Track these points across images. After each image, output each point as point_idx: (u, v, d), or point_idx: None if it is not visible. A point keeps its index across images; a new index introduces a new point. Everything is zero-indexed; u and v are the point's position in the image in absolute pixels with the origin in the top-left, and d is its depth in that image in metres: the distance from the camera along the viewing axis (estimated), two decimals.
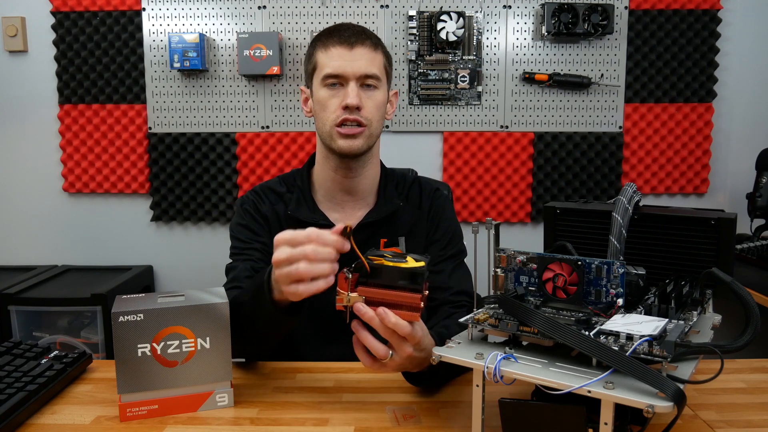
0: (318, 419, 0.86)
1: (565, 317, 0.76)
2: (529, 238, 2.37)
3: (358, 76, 1.10)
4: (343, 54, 1.10)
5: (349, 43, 1.11)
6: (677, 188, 2.34)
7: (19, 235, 2.39)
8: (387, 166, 1.27)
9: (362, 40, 1.12)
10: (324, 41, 1.13)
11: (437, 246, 1.21)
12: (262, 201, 1.22)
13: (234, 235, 1.21)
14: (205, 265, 2.30)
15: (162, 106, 2.29)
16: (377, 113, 1.14)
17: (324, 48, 1.13)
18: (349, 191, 1.19)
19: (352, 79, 1.10)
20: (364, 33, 1.13)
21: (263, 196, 1.23)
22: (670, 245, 0.87)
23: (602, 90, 2.28)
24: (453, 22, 2.20)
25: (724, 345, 0.68)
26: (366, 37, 1.13)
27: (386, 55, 1.17)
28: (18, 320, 2.02)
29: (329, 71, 1.10)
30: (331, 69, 1.10)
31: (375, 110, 1.13)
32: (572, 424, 0.68)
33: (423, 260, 0.79)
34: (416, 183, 1.27)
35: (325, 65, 1.11)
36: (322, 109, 1.13)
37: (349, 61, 1.10)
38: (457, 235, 1.25)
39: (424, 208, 1.24)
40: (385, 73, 1.16)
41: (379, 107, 1.14)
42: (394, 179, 1.26)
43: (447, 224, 1.24)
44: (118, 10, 2.25)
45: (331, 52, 1.11)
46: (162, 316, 0.85)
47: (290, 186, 1.24)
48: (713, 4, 2.25)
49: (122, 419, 0.85)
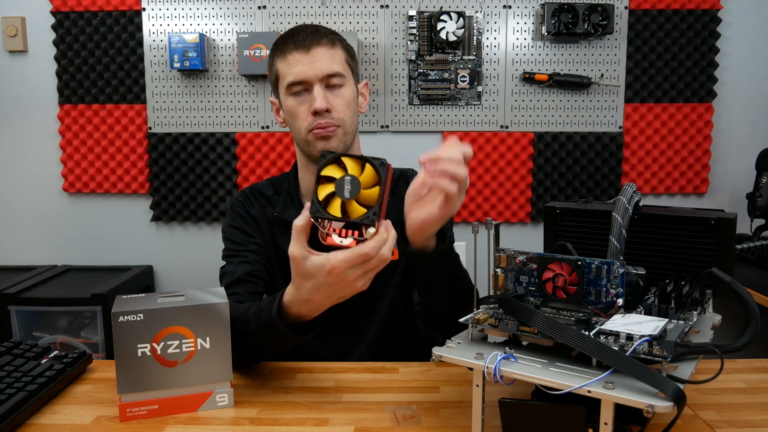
0: (318, 419, 0.86)
1: (565, 317, 0.76)
2: (529, 238, 2.37)
3: (320, 77, 1.09)
4: (301, 59, 1.09)
5: (304, 46, 1.09)
6: (677, 188, 2.34)
7: (19, 235, 2.39)
8: None
9: (317, 39, 1.10)
10: (281, 49, 1.12)
11: None
12: (251, 203, 1.22)
13: (227, 237, 1.20)
14: (205, 265, 2.30)
15: (162, 106, 2.29)
16: (348, 110, 1.12)
17: (281, 56, 1.11)
18: None
19: (315, 82, 1.09)
20: (318, 32, 1.11)
21: (252, 198, 1.23)
22: (670, 245, 0.87)
23: (602, 90, 2.28)
24: (453, 22, 2.20)
25: (724, 345, 0.68)
26: (321, 35, 1.11)
27: (346, 49, 1.15)
28: (18, 320, 2.02)
29: (291, 79, 1.09)
30: (293, 76, 1.09)
31: (345, 108, 1.12)
32: (572, 424, 0.68)
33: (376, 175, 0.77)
34: (402, 178, 1.25)
35: (287, 73, 1.10)
36: (293, 118, 1.12)
37: (309, 64, 1.08)
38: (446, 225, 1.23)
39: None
40: (348, 68, 1.14)
41: (349, 104, 1.13)
42: None
43: None
44: (118, 10, 2.25)
45: (288, 59, 1.10)
46: (162, 316, 0.85)
47: (278, 188, 1.24)
48: (713, 4, 2.25)
49: (122, 419, 0.85)
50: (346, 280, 0.78)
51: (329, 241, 0.78)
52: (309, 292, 0.82)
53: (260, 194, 1.24)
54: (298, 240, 0.80)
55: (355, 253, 0.76)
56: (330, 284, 0.79)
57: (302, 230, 0.80)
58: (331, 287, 0.80)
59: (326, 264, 0.77)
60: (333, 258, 0.77)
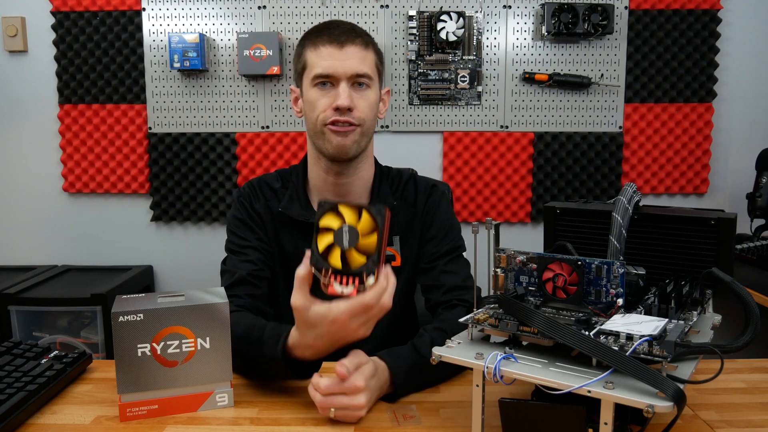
0: (318, 419, 0.86)
1: (565, 317, 0.76)
2: (529, 238, 2.37)
3: (349, 75, 1.08)
4: (333, 53, 1.07)
5: (339, 42, 1.08)
6: (677, 188, 2.34)
7: (19, 235, 2.39)
8: (383, 165, 1.26)
9: (353, 38, 1.09)
10: (313, 40, 1.11)
11: (432, 243, 1.20)
12: (256, 196, 1.21)
13: (231, 228, 1.20)
14: (205, 265, 2.30)
15: (162, 106, 2.29)
16: (370, 113, 1.12)
17: (313, 47, 1.10)
18: (340, 193, 1.17)
19: (343, 79, 1.08)
20: (354, 31, 1.11)
21: (258, 191, 1.21)
22: (670, 245, 0.87)
23: (602, 90, 2.28)
24: (453, 22, 2.20)
25: (724, 345, 0.68)
26: (356, 35, 1.10)
27: (377, 53, 1.15)
28: (18, 320, 2.02)
29: (319, 71, 1.08)
30: (321, 69, 1.08)
31: (368, 110, 1.11)
32: (572, 424, 0.68)
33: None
34: (411, 180, 1.25)
35: (315, 65, 1.09)
36: (312, 108, 1.11)
37: (340, 60, 1.07)
38: (453, 231, 1.22)
39: (419, 206, 1.21)
40: (376, 71, 1.14)
41: (371, 107, 1.12)
42: (389, 178, 1.24)
43: (441, 220, 1.21)
44: (118, 10, 2.25)
45: (320, 51, 1.09)
46: (162, 316, 0.85)
47: (285, 181, 1.23)
48: (713, 4, 2.25)
49: (122, 419, 0.85)
50: (348, 328, 0.82)
51: (331, 291, 0.80)
52: (313, 339, 0.85)
53: (268, 187, 1.22)
54: (300, 290, 0.82)
55: (357, 304, 0.79)
56: (333, 333, 0.83)
57: (304, 280, 0.82)
58: (334, 336, 0.84)
59: (329, 315, 0.80)
60: (335, 309, 0.80)
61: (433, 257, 1.18)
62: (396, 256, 1.20)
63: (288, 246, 1.19)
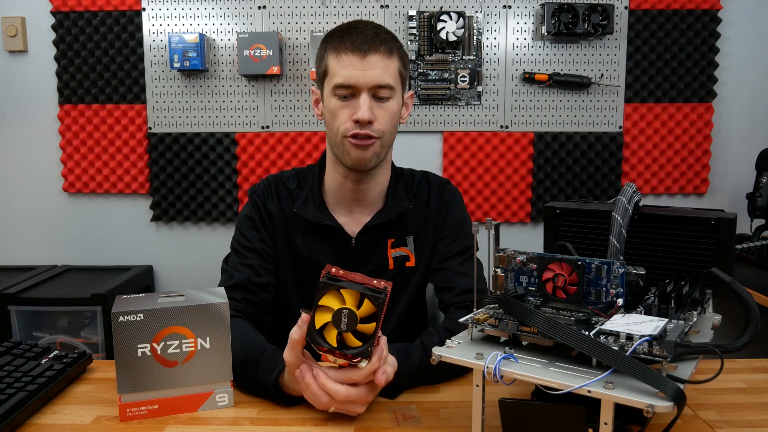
0: (318, 419, 0.86)
1: (565, 317, 0.76)
2: (529, 238, 2.37)
3: (370, 86, 1.05)
4: (355, 62, 1.04)
5: (361, 51, 1.04)
6: (677, 188, 2.34)
7: (19, 235, 2.39)
8: (397, 167, 1.25)
9: (376, 46, 1.05)
10: (336, 45, 1.07)
11: (445, 242, 1.19)
12: (270, 196, 1.20)
13: (239, 225, 1.20)
14: (205, 265, 2.30)
15: (162, 106, 2.29)
16: (390, 124, 1.09)
17: (336, 53, 1.06)
18: (357, 199, 1.17)
19: (364, 90, 1.05)
20: (377, 38, 1.07)
21: (273, 190, 1.21)
22: (670, 245, 0.87)
23: (602, 90, 2.28)
24: (453, 22, 2.20)
25: (724, 345, 0.68)
26: (380, 42, 1.06)
27: (402, 59, 1.11)
28: (18, 320, 2.02)
29: (340, 81, 1.05)
30: (342, 79, 1.05)
31: (388, 121, 1.09)
32: (572, 424, 0.68)
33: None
34: (424, 180, 1.24)
35: (336, 73, 1.06)
36: (332, 118, 1.09)
37: (362, 70, 1.04)
38: (465, 229, 1.20)
39: (432, 205, 1.21)
40: (399, 79, 1.10)
41: (392, 118, 1.10)
42: (404, 180, 1.23)
43: (454, 220, 1.21)
44: (118, 10, 2.25)
45: (342, 60, 1.05)
46: (162, 316, 0.85)
47: (302, 182, 1.22)
48: (713, 4, 2.25)
49: (122, 419, 0.85)
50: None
51: (324, 359, 0.82)
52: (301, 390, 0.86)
53: (283, 186, 1.21)
54: (292, 350, 0.84)
55: (346, 378, 0.82)
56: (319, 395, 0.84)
57: (297, 343, 0.83)
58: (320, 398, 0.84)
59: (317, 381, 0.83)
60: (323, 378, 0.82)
61: (445, 257, 1.18)
62: (410, 257, 1.20)
63: (300, 245, 1.19)
